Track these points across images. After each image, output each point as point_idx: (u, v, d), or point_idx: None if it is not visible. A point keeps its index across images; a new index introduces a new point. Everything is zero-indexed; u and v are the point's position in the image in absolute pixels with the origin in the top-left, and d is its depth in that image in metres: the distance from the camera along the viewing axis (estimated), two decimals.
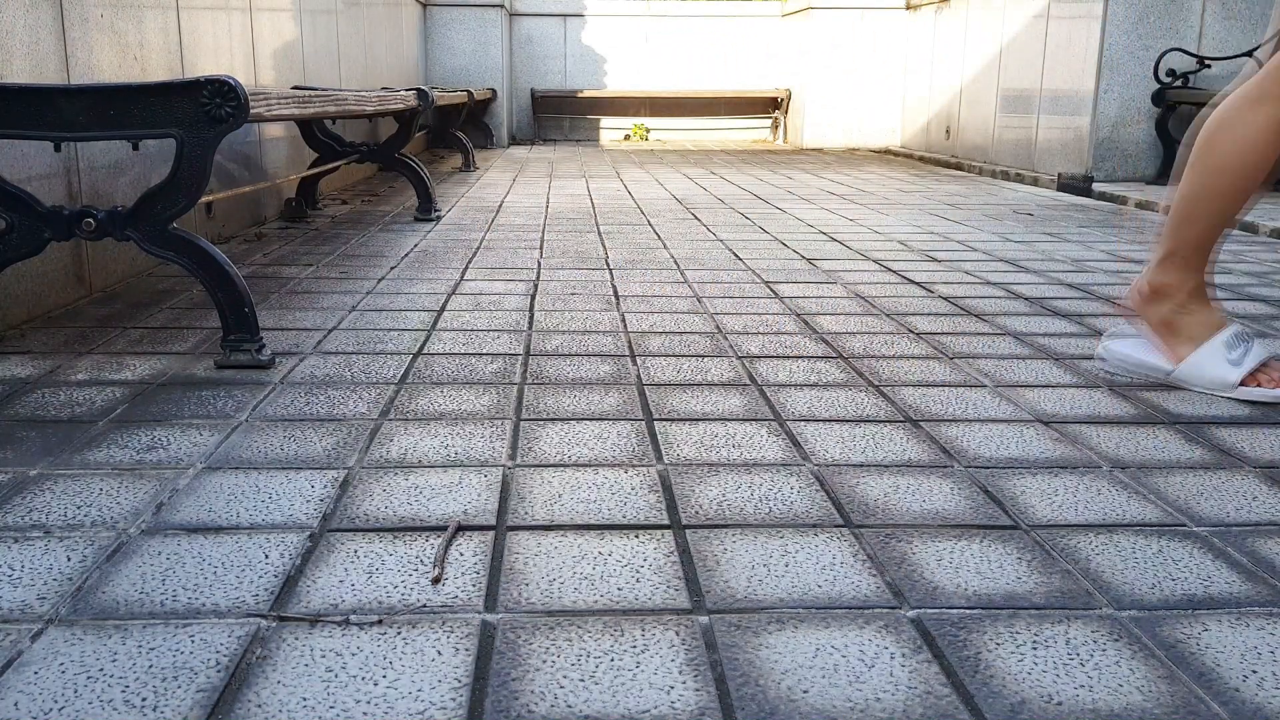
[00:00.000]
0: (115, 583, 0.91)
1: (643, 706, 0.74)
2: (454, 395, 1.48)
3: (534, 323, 1.95)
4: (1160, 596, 0.91)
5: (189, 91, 1.49)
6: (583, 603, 0.89)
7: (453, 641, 0.82)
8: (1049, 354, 1.77)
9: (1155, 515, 1.09)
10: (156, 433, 1.30)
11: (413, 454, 1.24)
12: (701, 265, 2.62)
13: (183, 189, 1.54)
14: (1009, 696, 0.76)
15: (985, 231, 3.37)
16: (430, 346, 1.76)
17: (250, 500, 1.09)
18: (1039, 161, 5.37)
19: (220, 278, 1.59)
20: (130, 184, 2.25)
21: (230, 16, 2.97)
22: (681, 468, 1.21)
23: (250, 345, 1.60)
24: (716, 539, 1.02)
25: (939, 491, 1.15)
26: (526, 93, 8.78)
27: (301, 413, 1.39)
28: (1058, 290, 2.35)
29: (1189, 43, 4.80)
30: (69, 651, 0.80)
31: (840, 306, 2.13)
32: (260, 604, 0.88)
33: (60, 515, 1.05)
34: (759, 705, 0.74)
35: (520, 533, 1.03)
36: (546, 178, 5.20)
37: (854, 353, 1.76)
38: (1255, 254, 2.94)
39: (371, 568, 0.94)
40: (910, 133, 7.62)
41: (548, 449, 1.27)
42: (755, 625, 0.85)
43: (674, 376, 1.59)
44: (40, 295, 1.92)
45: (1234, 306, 2.19)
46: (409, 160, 3.48)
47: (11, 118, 1.51)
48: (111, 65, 2.19)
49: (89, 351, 1.69)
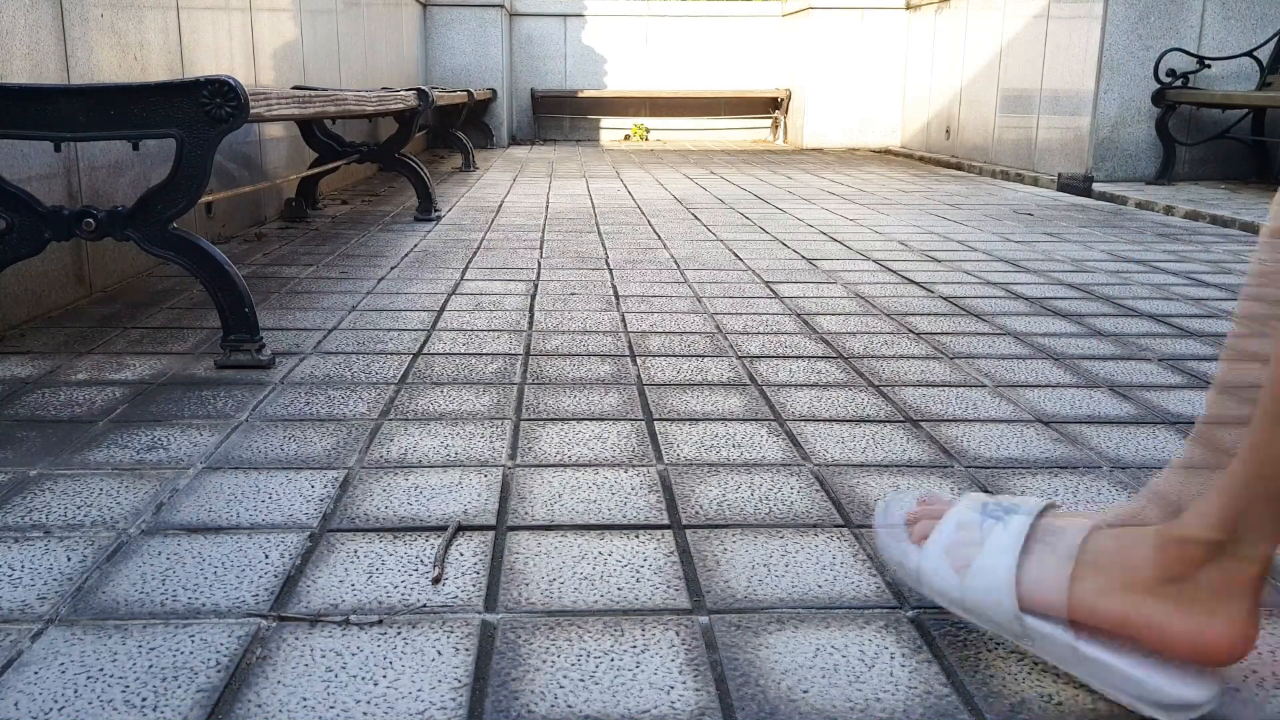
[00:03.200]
0: (115, 583, 0.91)
1: (643, 706, 0.74)
2: (454, 395, 1.48)
3: (534, 323, 1.95)
4: None
5: (189, 91, 1.49)
6: (583, 603, 0.89)
7: (453, 641, 0.82)
8: (1049, 354, 1.77)
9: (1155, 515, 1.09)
10: (156, 433, 1.30)
11: (413, 454, 1.24)
12: (702, 265, 2.62)
13: (183, 189, 1.54)
14: (1009, 696, 0.76)
15: (985, 231, 3.37)
16: (430, 346, 1.76)
17: (250, 500, 1.09)
18: (1039, 161, 5.36)
19: (220, 278, 1.59)
20: (130, 184, 2.25)
21: (230, 16, 2.97)
22: (681, 468, 1.21)
23: (250, 345, 1.60)
24: (716, 539, 1.02)
25: (940, 491, 1.15)
26: (526, 93, 8.78)
27: (301, 413, 1.39)
28: (1058, 290, 2.35)
29: (1189, 43, 4.80)
30: (69, 651, 0.80)
31: (840, 306, 2.13)
32: (260, 604, 0.88)
33: (60, 515, 1.05)
34: (759, 705, 0.74)
35: (520, 533, 1.03)
36: (546, 178, 5.20)
37: (854, 353, 1.76)
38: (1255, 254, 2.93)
39: (371, 568, 0.94)
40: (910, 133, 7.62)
41: (548, 449, 1.27)
42: (755, 625, 0.85)
43: (674, 376, 1.59)
44: (40, 295, 1.92)
45: (1234, 306, 2.19)
46: (409, 160, 3.48)
47: (11, 118, 1.51)
48: (111, 65, 2.19)
49: (89, 351, 1.69)
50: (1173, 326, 1.99)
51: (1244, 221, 3.48)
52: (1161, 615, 0.72)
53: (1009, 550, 0.77)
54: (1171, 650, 0.72)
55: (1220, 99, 4.58)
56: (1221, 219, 3.60)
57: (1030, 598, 0.76)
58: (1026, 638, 0.77)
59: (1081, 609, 0.75)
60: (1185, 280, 2.50)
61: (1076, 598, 0.75)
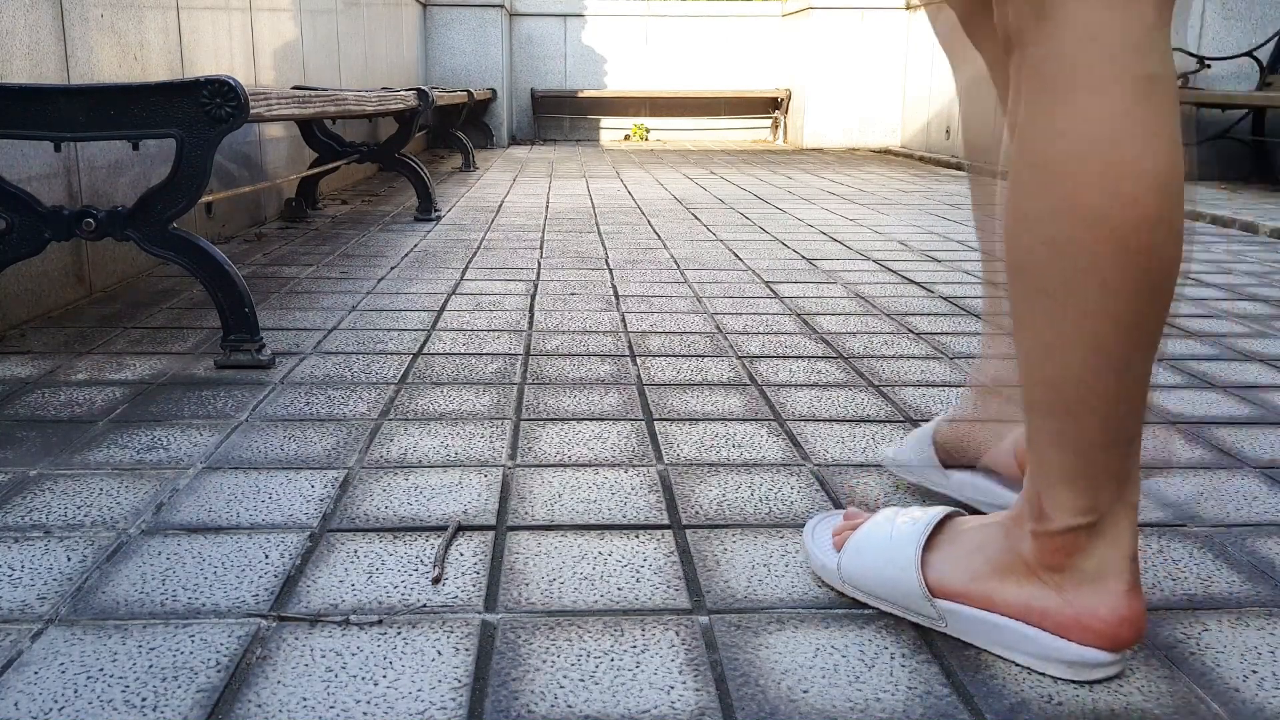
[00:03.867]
0: (115, 583, 0.91)
1: (643, 706, 0.74)
2: (454, 395, 1.48)
3: (534, 323, 1.95)
4: (1160, 596, 0.91)
5: (189, 91, 1.49)
6: (583, 603, 0.89)
7: (453, 641, 0.82)
8: None
9: (1155, 515, 1.09)
10: (156, 433, 1.30)
11: (413, 454, 1.24)
12: (702, 265, 2.62)
13: (183, 189, 1.54)
14: (1009, 696, 0.76)
15: None
16: (430, 346, 1.76)
17: (250, 500, 1.09)
18: None
19: (220, 278, 1.59)
20: (130, 184, 2.25)
21: (230, 16, 2.97)
22: (681, 468, 1.21)
23: (250, 345, 1.60)
24: (716, 539, 1.02)
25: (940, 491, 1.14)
26: (526, 93, 8.78)
27: (301, 413, 1.39)
28: None
29: (1189, 43, 4.80)
30: (69, 651, 0.80)
31: (840, 306, 2.13)
32: (260, 604, 0.88)
33: (60, 515, 1.05)
34: (759, 705, 0.74)
35: (520, 533, 1.03)
36: (546, 178, 5.20)
37: (854, 353, 1.76)
38: (1255, 254, 2.94)
39: (371, 568, 0.94)
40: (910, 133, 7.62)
41: (548, 449, 1.27)
42: (755, 625, 0.85)
43: (674, 376, 1.59)
44: (40, 295, 1.92)
45: (1234, 306, 2.20)
46: (409, 160, 3.48)
47: (11, 118, 1.51)
48: (111, 65, 2.19)
49: (89, 351, 1.69)
50: (1173, 326, 1.99)
51: (1244, 221, 3.48)
52: (1055, 605, 0.77)
53: (914, 542, 0.84)
54: (1068, 637, 0.77)
55: (1220, 99, 4.59)
56: (1221, 219, 3.60)
57: (939, 585, 0.83)
58: (940, 619, 0.83)
59: (976, 599, 0.81)
60: (1185, 280, 2.50)
61: (976, 589, 0.81)
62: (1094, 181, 0.68)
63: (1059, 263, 0.69)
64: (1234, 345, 1.85)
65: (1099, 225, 0.67)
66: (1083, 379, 0.71)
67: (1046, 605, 0.77)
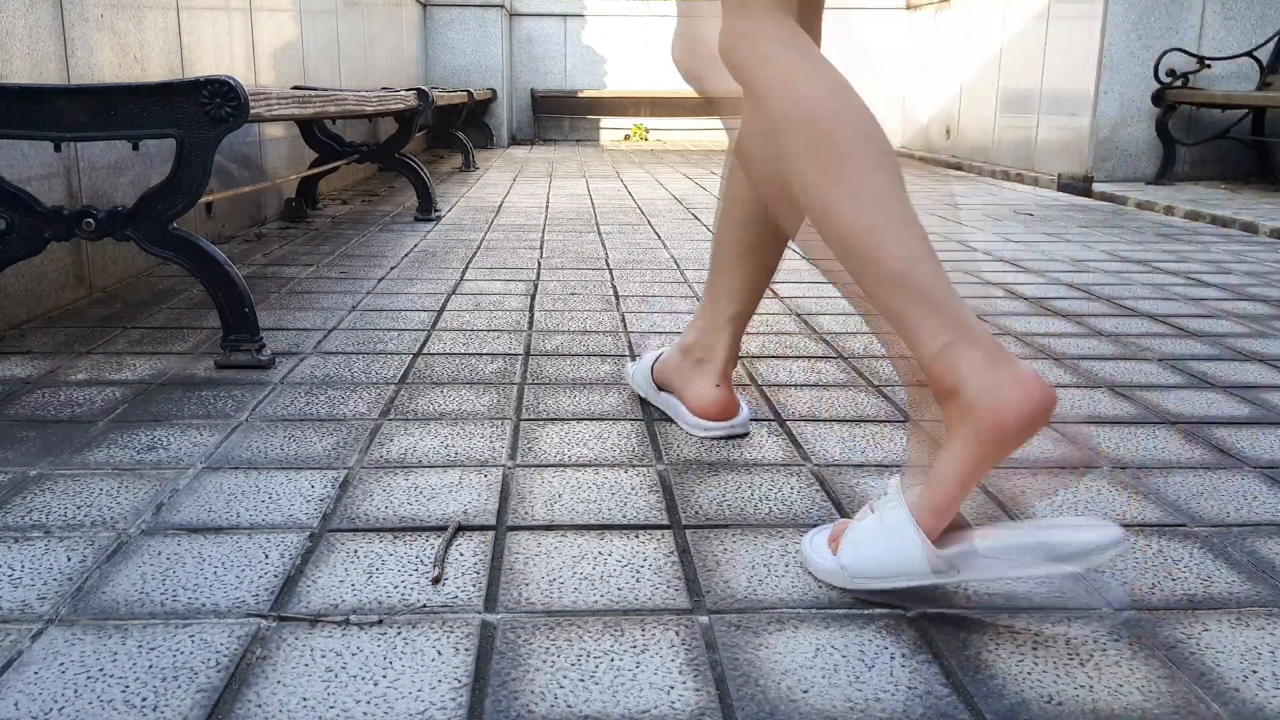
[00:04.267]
0: (115, 583, 0.91)
1: (643, 706, 0.74)
2: (454, 395, 1.48)
3: (534, 323, 1.95)
4: (1160, 596, 0.91)
5: (189, 91, 1.49)
6: (583, 603, 0.89)
7: (453, 641, 0.82)
8: (1049, 354, 1.77)
9: (1155, 515, 1.09)
10: (156, 433, 1.30)
11: (413, 454, 1.24)
12: (701, 265, 2.62)
13: (183, 189, 1.54)
14: (1009, 696, 0.76)
15: (985, 231, 3.37)
16: (430, 346, 1.76)
17: (250, 500, 1.09)
18: (1039, 162, 5.36)
19: (220, 278, 1.59)
20: (130, 184, 2.25)
21: (230, 16, 2.97)
22: (681, 468, 1.21)
23: (250, 345, 1.60)
24: (716, 539, 1.02)
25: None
26: (526, 93, 8.78)
27: (301, 413, 1.39)
28: (1058, 290, 2.35)
29: (1189, 43, 4.80)
30: (69, 651, 0.80)
31: (840, 306, 2.13)
32: (260, 604, 0.88)
33: (60, 515, 1.05)
34: (759, 705, 0.74)
35: (520, 533, 1.03)
36: (546, 178, 5.20)
37: (854, 353, 1.76)
38: (1255, 254, 2.94)
39: (371, 568, 0.94)
40: (910, 133, 7.62)
41: (548, 449, 1.27)
42: (755, 625, 0.85)
43: None
44: (40, 295, 1.92)
45: (1234, 306, 2.20)
46: (409, 160, 3.48)
47: (11, 118, 1.51)
48: (111, 65, 2.19)
49: (89, 351, 1.69)
50: (1173, 326, 1.99)
51: (1244, 221, 3.48)
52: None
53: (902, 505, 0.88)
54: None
55: (1220, 99, 4.59)
56: (1221, 219, 3.60)
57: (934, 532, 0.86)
58: (953, 569, 0.84)
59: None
60: (1185, 280, 2.50)
61: (962, 494, 0.85)
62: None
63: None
64: (1234, 345, 1.85)
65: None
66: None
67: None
